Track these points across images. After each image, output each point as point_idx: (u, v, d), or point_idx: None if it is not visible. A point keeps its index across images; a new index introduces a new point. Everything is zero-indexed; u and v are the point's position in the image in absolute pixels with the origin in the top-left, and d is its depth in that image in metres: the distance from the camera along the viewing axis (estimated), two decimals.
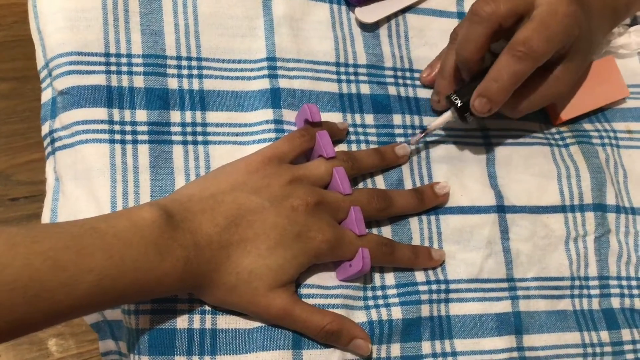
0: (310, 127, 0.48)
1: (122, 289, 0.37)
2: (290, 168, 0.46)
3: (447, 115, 0.50)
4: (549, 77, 0.50)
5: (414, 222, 0.51)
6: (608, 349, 0.51)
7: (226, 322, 0.43)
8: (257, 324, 0.44)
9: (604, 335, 0.51)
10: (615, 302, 0.53)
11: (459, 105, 0.49)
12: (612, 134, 0.58)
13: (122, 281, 0.37)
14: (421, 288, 0.48)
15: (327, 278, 0.47)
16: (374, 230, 0.49)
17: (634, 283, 0.54)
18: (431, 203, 0.51)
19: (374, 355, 0.46)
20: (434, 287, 0.48)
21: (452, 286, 0.49)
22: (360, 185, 0.50)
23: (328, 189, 0.47)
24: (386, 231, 0.50)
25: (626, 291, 0.53)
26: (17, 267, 0.34)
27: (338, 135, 0.50)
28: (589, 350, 0.50)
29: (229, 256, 0.41)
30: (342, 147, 0.51)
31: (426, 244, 0.50)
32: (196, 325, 0.43)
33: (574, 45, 0.48)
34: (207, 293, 0.42)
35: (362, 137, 0.52)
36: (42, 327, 0.36)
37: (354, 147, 0.51)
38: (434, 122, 0.50)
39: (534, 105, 0.51)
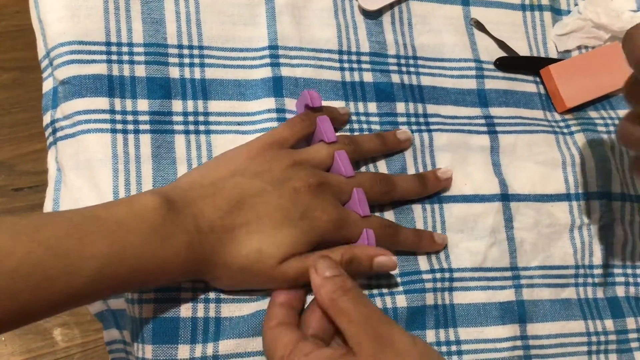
0: (311, 112, 0.48)
1: (124, 276, 0.37)
2: (290, 152, 0.46)
3: None
4: None
5: (417, 210, 0.50)
6: (613, 337, 0.51)
7: (230, 310, 0.43)
8: (260, 308, 0.44)
9: (609, 324, 0.51)
10: (620, 291, 0.53)
11: None
12: (617, 122, 0.57)
13: (124, 268, 0.37)
14: (425, 277, 0.48)
15: None
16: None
17: (638, 271, 0.53)
18: (434, 188, 0.50)
19: None
20: (438, 275, 0.48)
21: (456, 275, 0.49)
22: (363, 170, 0.50)
23: (330, 172, 0.47)
24: (389, 219, 0.49)
25: (631, 280, 0.53)
26: (19, 255, 0.34)
27: (339, 120, 0.50)
28: (594, 338, 0.50)
29: (233, 238, 0.41)
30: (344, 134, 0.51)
31: None
32: (200, 314, 0.43)
33: None
34: (217, 277, 0.42)
35: (364, 126, 0.52)
36: (45, 316, 0.36)
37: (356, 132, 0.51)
38: None
39: None
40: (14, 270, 0.33)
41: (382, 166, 0.51)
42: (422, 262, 0.49)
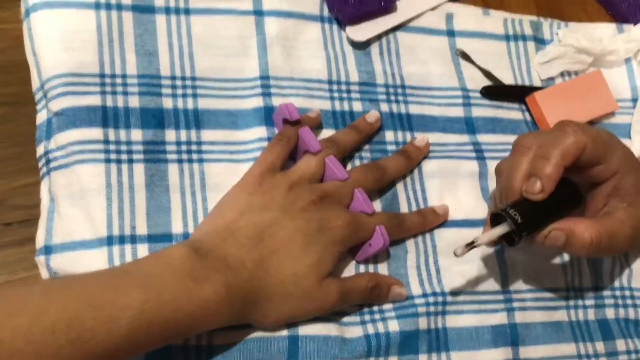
0: (288, 126, 0.49)
1: (165, 321, 0.37)
2: (284, 176, 0.47)
3: (499, 230, 0.44)
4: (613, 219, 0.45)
5: (409, 236, 0.51)
6: (603, 359, 0.51)
7: (222, 338, 0.43)
8: (253, 335, 0.44)
9: (600, 346, 0.51)
10: (610, 313, 0.53)
11: (519, 221, 0.43)
12: None
13: (163, 313, 0.37)
14: (418, 301, 0.48)
15: None
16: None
17: (627, 293, 0.54)
18: (417, 157, 0.53)
19: None
20: (430, 299, 0.49)
21: (449, 299, 0.49)
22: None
23: (324, 179, 0.48)
24: None
25: (620, 301, 0.53)
26: (54, 312, 0.34)
27: (315, 124, 0.52)
28: None
29: (267, 269, 0.42)
30: None
31: (422, 258, 0.51)
32: (192, 342, 0.43)
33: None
34: (263, 312, 0.43)
35: (355, 153, 0.52)
36: None
37: (348, 165, 0.52)
38: (483, 237, 0.43)
39: (605, 249, 0.45)
40: (53, 325, 0.34)
41: (374, 196, 0.51)
42: (415, 287, 0.49)
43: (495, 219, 0.45)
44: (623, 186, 0.46)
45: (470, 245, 0.43)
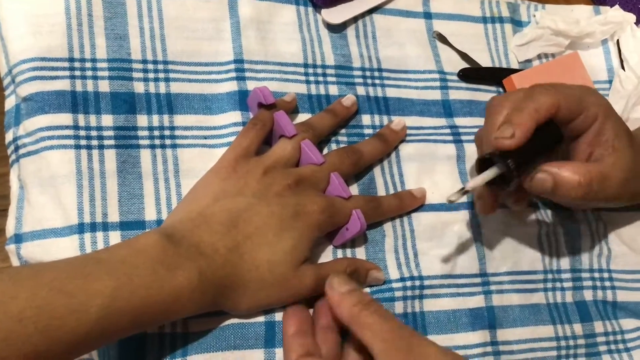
0: (263, 110, 0.48)
1: (136, 308, 0.36)
2: (259, 161, 0.46)
3: (489, 173, 0.43)
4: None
5: (386, 220, 0.51)
6: (581, 341, 0.51)
7: (198, 325, 0.43)
8: (229, 322, 0.43)
9: (577, 328, 0.51)
10: (588, 295, 0.53)
11: (508, 161, 0.42)
12: None
13: (134, 301, 0.36)
14: (395, 285, 0.48)
15: None
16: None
17: (605, 275, 0.54)
18: (394, 141, 0.53)
19: None
20: (408, 283, 0.48)
21: (427, 282, 0.49)
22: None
23: (300, 164, 0.48)
24: None
25: (598, 283, 0.54)
26: (23, 299, 0.33)
27: (290, 108, 0.51)
28: (563, 343, 0.51)
29: (241, 255, 0.42)
30: None
31: (399, 241, 0.50)
32: (167, 329, 0.43)
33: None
34: (237, 299, 0.42)
35: (332, 137, 0.52)
36: None
37: (324, 149, 0.52)
38: (473, 181, 0.43)
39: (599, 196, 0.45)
40: (21, 313, 0.33)
41: (351, 181, 0.51)
42: (393, 271, 0.49)
43: (483, 164, 0.44)
44: (605, 131, 0.45)
45: (462, 190, 0.42)
